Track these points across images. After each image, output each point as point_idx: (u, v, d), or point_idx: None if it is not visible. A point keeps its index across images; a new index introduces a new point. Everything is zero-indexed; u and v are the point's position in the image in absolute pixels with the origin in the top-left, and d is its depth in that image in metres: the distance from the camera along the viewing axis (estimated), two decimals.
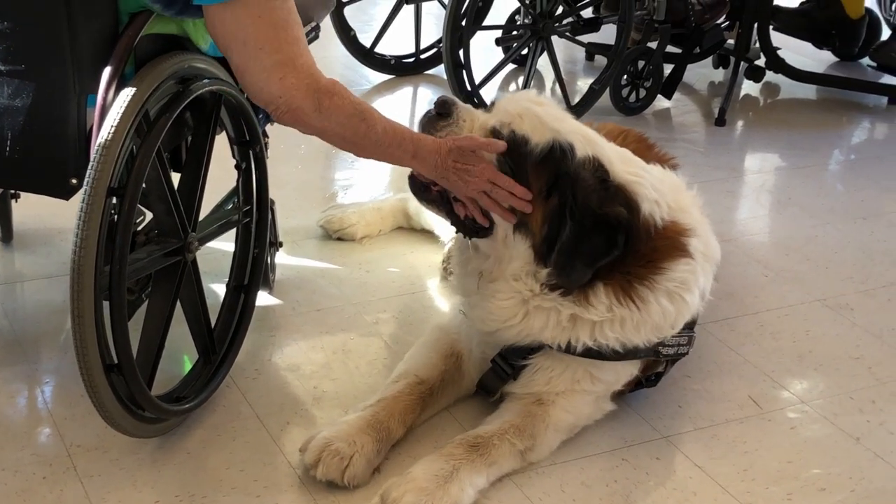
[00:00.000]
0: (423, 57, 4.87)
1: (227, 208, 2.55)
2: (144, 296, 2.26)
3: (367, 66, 4.80)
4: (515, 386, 2.37)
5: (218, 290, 2.62)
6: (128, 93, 2.01)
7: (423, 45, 4.84)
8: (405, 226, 3.34)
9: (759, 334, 2.90)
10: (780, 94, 4.98)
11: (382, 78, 4.82)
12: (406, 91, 4.77)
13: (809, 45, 5.26)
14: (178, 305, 2.28)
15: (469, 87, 4.20)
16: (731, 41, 4.78)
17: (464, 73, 4.18)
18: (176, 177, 2.28)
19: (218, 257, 2.80)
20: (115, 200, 1.98)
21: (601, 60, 4.66)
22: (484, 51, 4.63)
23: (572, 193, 2.23)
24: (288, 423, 2.40)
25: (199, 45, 2.25)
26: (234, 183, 2.50)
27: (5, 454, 2.24)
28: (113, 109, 1.99)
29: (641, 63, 4.48)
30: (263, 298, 2.81)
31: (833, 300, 3.10)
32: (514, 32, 4.48)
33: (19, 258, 3.03)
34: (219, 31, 2.09)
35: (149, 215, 2.26)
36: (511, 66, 4.86)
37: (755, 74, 4.80)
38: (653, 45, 4.55)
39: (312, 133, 2.19)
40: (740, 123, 4.62)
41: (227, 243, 2.58)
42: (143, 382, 2.11)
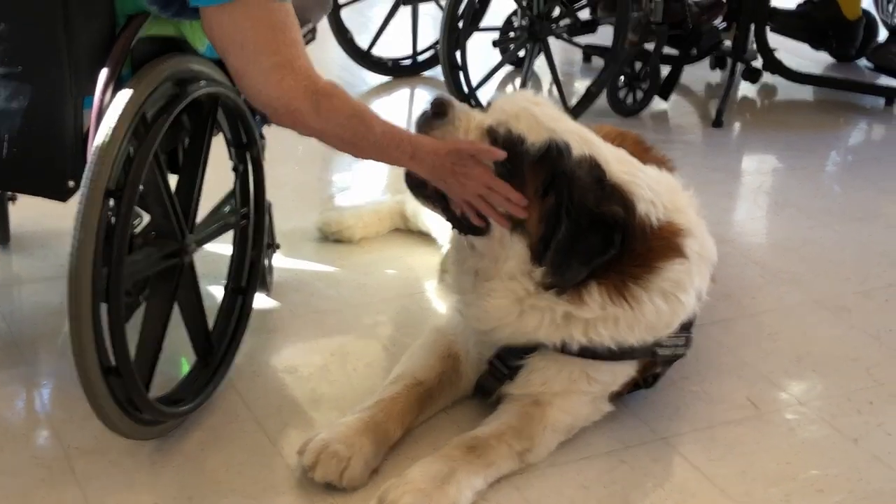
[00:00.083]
0: (420, 59, 4.87)
1: (225, 210, 2.54)
2: (142, 298, 2.26)
3: (364, 67, 4.81)
4: (512, 387, 2.37)
5: (216, 292, 2.62)
6: (125, 95, 2.01)
7: (420, 47, 4.85)
8: (403, 228, 3.34)
9: (757, 336, 2.90)
10: (777, 95, 4.98)
11: (379, 80, 4.82)
12: (403, 93, 4.77)
13: (806, 47, 5.26)
14: (176, 308, 2.28)
15: (466, 89, 4.20)
16: (728, 42, 4.79)
17: (461, 74, 4.19)
18: (173, 179, 2.28)
19: (215, 259, 2.80)
20: (112, 203, 1.98)
21: (598, 62, 4.66)
22: (481, 52, 4.63)
23: (569, 192, 2.23)
24: (286, 426, 2.40)
25: (197, 47, 2.25)
26: (232, 185, 2.50)
27: (3, 457, 2.24)
28: (110, 111, 1.99)
29: (638, 65, 4.48)
30: (261, 301, 2.81)
31: (831, 301, 3.10)
32: (511, 34, 4.50)
33: (16, 260, 3.03)
34: (216, 34, 2.09)
35: (146, 217, 2.26)
36: (508, 67, 4.87)
37: (752, 76, 4.80)
38: (650, 46, 4.55)
39: (311, 135, 2.19)
40: (737, 125, 4.62)
41: (225, 245, 2.58)
42: (140, 385, 2.11)
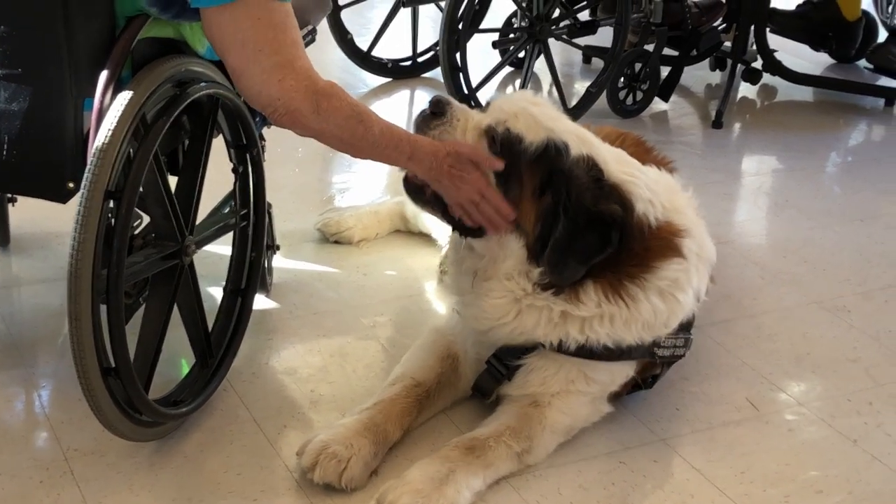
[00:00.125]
0: (420, 60, 4.87)
1: (225, 212, 2.55)
2: (142, 299, 2.26)
3: (365, 69, 4.81)
4: (511, 388, 2.37)
5: (215, 293, 2.62)
6: (125, 96, 2.01)
7: (420, 49, 4.84)
8: (402, 229, 3.34)
9: (757, 336, 2.90)
10: (777, 96, 4.98)
11: (379, 81, 4.82)
12: (403, 94, 4.77)
13: (806, 48, 5.25)
14: (176, 309, 2.28)
15: (466, 90, 4.20)
16: (727, 43, 4.79)
17: (461, 76, 4.18)
18: (173, 180, 2.28)
19: (215, 261, 2.80)
20: (112, 204, 1.98)
21: (598, 63, 4.65)
22: (481, 54, 4.63)
23: (566, 191, 2.22)
24: (285, 427, 2.40)
25: (196, 48, 2.25)
26: (232, 186, 2.50)
27: (2, 458, 2.24)
28: (110, 113, 1.99)
29: (638, 66, 4.48)
30: (260, 302, 2.81)
31: (830, 302, 3.10)
32: (511, 35, 4.49)
33: (16, 262, 3.03)
34: (216, 34, 2.08)
35: (146, 219, 2.26)
36: (508, 69, 4.86)
37: (752, 77, 4.79)
38: (650, 47, 4.55)
39: (310, 135, 2.18)
40: (737, 126, 4.62)
41: (225, 247, 2.58)
42: (140, 386, 2.11)
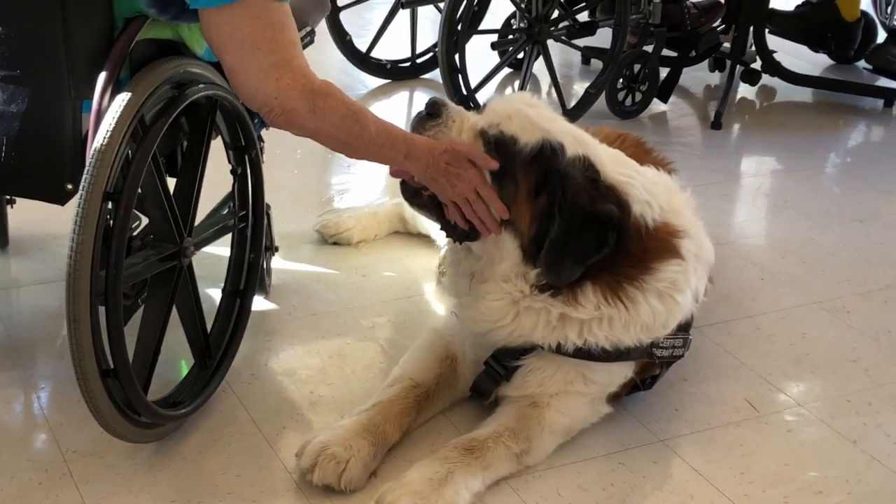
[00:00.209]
0: (419, 61, 4.87)
1: (223, 213, 2.55)
2: (140, 301, 2.26)
3: (363, 70, 4.81)
4: (509, 388, 2.37)
5: (214, 294, 2.62)
6: (123, 98, 2.01)
7: (419, 50, 4.84)
8: (401, 230, 3.34)
9: (756, 337, 2.90)
10: (776, 97, 4.98)
11: (378, 82, 4.82)
12: (402, 95, 4.77)
13: (805, 48, 5.26)
14: (174, 310, 2.28)
15: (465, 92, 4.20)
16: (727, 44, 4.79)
17: (459, 77, 4.18)
18: (172, 182, 2.28)
19: (214, 262, 2.80)
20: (110, 205, 1.98)
21: (597, 64, 4.65)
22: (480, 55, 4.62)
23: (562, 191, 2.22)
24: (284, 428, 2.40)
25: (195, 49, 2.25)
26: (230, 188, 2.50)
27: (1, 460, 2.24)
28: (108, 114, 1.99)
29: (637, 67, 4.48)
30: (259, 303, 2.80)
31: (830, 303, 3.10)
32: (510, 36, 4.49)
33: (15, 264, 3.03)
34: (214, 34, 2.08)
35: (144, 220, 2.26)
36: (507, 70, 4.86)
37: (751, 77, 4.79)
38: (649, 48, 4.55)
39: (305, 135, 2.18)
40: (736, 127, 4.62)
41: (223, 248, 2.58)
42: (139, 387, 2.11)
